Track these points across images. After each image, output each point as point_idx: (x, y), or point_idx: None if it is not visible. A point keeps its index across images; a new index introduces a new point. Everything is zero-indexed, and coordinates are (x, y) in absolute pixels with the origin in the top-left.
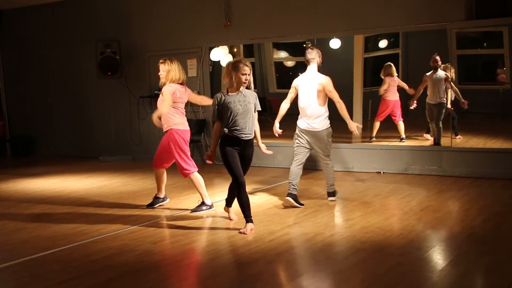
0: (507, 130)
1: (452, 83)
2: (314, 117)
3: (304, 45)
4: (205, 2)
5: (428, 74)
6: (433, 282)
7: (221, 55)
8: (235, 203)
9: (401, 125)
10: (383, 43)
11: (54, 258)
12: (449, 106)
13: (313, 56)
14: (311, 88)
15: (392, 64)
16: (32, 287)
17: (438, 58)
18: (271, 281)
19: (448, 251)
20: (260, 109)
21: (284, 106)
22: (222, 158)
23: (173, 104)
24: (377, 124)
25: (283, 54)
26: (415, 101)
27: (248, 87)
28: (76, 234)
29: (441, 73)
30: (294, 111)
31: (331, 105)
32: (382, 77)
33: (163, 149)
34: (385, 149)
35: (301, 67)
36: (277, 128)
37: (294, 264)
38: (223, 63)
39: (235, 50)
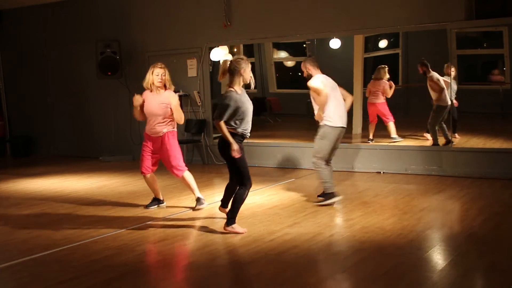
0: (507, 130)
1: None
2: (345, 115)
3: (304, 45)
4: (205, 2)
5: None
6: (433, 282)
7: (221, 55)
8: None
9: (390, 126)
10: (383, 43)
11: (54, 258)
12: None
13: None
14: (337, 87)
15: (381, 68)
16: (32, 287)
17: (425, 62)
18: (271, 281)
19: (448, 251)
20: None
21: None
22: (234, 159)
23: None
24: (371, 126)
25: (283, 54)
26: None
27: (249, 85)
28: (76, 234)
29: (431, 75)
30: (295, 111)
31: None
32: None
33: (153, 152)
34: (385, 149)
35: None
36: None
37: (294, 264)
38: None
39: (235, 50)
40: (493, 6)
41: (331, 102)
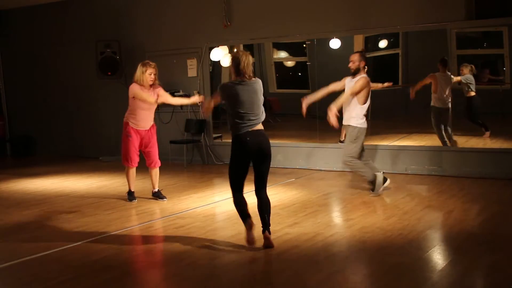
0: (507, 130)
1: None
2: None
3: (304, 45)
4: (205, 2)
5: None
6: (433, 282)
7: (221, 55)
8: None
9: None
10: (383, 43)
11: (54, 258)
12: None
13: None
14: None
15: None
16: (32, 287)
17: (444, 60)
18: (271, 281)
19: (448, 251)
20: None
21: None
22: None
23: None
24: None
25: (283, 54)
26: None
27: None
28: (76, 234)
29: (435, 74)
30: (295, 111)
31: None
32: None
33: (140, 144)
34: (385, 149)
35: (302, 67)
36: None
37: (294, 264)
38: (223, 63)
39: (235, 50)
40: (493, 6)
41: (366, 104)
